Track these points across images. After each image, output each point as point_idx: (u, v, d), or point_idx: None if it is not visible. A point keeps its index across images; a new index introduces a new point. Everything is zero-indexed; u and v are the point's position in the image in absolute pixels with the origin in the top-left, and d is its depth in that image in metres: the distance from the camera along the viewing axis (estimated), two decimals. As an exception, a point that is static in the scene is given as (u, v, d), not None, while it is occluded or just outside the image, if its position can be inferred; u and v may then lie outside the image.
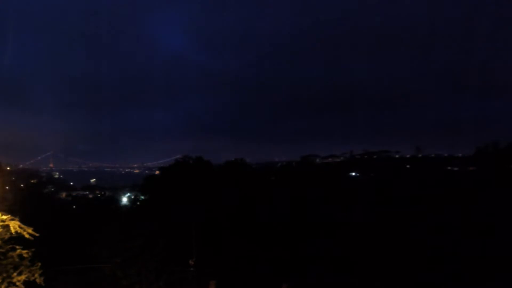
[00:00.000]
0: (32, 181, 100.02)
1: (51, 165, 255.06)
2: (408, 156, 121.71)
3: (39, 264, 10.79)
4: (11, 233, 10.44)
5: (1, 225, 10.47)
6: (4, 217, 10.57)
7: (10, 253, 10.54)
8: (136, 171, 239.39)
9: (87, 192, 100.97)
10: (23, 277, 10.46)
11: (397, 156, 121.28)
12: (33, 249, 10.77)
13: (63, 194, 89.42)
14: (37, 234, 10.65)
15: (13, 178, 74.15)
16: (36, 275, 10.61)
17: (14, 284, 10.43)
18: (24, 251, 10.63)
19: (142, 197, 66.41)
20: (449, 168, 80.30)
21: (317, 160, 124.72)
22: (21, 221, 10.70)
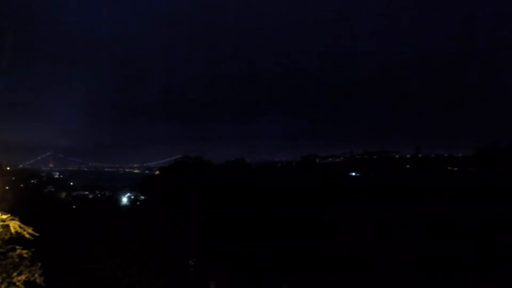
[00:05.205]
0: (32, 181, 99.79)
1: (51, 165, 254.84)
2: (408, 156, 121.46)
3: (39, 264, 10.79)
4: (11, 233, 10.45)
5: (1, 225, 10.48)
6: (4, 216, 10.58)
7: (10, 253, 10.54)
8: (136, 171, 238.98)
9: (87, 192, 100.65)
10: (23, 277, 10.46)
11: (397, 156, 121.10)
12: (33, 249, 10.77)
13: (63, 194, 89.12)
14: (37, 234, 10.65)
15: (13, 178, 74.06)
16: (36, 275, 10.61)
17: (14, 284, 10.43)
18: (24, 251, 10.63)
19: (142, 197, 66.52)
20: (449, 168, 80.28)
21: (317, 160, 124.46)
22: (21, 221, 10.70)
